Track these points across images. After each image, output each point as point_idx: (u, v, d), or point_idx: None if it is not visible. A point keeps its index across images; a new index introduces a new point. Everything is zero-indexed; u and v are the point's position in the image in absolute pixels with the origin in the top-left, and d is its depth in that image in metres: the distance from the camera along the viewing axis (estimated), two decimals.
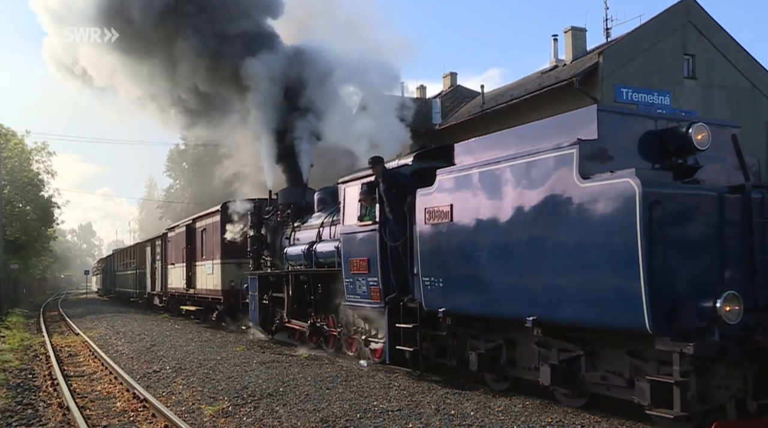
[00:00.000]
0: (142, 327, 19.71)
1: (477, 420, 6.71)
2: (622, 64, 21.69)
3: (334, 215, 12.10)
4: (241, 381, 9.46)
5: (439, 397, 7.91)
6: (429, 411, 7.18)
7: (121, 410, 8.65)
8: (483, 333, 8.22)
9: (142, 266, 32.53)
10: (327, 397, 8.14)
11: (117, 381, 10.70)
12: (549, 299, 6.67)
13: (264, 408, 7.77)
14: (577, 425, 6.41)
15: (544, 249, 6.72)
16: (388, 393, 8.27)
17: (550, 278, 6.66)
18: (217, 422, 7.42)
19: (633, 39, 22.26)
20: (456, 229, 8.00)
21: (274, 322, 14.44)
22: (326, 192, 13.49)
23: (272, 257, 14.80)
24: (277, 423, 7.10)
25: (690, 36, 22.74)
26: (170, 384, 9.95)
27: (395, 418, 6.97)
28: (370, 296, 9.89)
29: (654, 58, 22.07)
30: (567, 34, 25.24)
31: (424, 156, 9.76)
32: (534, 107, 21.38)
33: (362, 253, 10.01)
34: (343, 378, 9.39)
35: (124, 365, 12.17)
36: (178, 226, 24.57)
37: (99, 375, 11.69)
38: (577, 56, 24.36)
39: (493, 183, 7.45)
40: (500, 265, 7.33)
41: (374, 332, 10.49)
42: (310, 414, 7.32)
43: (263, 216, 15.14)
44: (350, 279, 10.35)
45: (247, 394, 8.60)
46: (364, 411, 7.29)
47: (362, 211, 10.05)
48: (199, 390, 9.23)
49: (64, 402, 8.95)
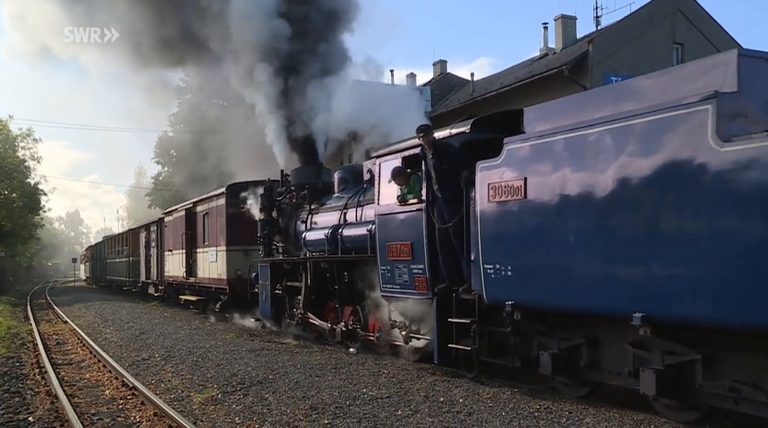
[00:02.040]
0: (130, 315, 19.23)
1: (466, 407, 6.57)
2: (611, 53, 21.58)
3: (359, 196, 10.91)
4: (231, 369, 9.24)
5: (428, 384, 7.70)
6: (418, 398, 7.04)
7: (109, 398, 8.50)
8: (557, 331, 6.85)
9: (135, 254, 30.65)
10: (316, 384, 7.94)
11: (106, 369, 10.46)
12: (665, 292, 5.27)
13: (253, 396, 7.63)
14: (565, 411, 6.25)
15: (661, 232, 5.30)
16: (377, 381, 8.05)
17: (668, 268, 5.24)
18: (206, 409, 7.26)
19: (623, 27, 22.18)
20: (531, 208, 6.58)
21: (293, 315, 12.74)
22: (347, 171, 12.42)
23: (285, 243, 13.37)
24: (267, 410, 6.93)
25: (679, 25, 22.69)
26: (159, 372, 9.74)
27: (384, 405, 6.82)
28: (413, 285, 8.49)
29: (643, 47, 21.96)
30: (557, 23, 25.09)
31: (482, 125, 8.09)
32: (524, 94, 21.18)
33: (404, 237, 8.60)
34: (332, 366, 9.13)
35: (113, 353, 11.86)
36: (176, 210, 22.52)
37: (87, 363, 11.40)
38: (567, 44, 24.26)
39: (585, 152, 6.01)
40: (594, 251, 5.89)
41: (415, 327, 8.98)
42: (299, 401, 7.17)
43: (275, 198, 13.74)
44: (387, 267, 8.94)
45: (236, 382, 8.40)
46: (354, 399, 7.14)
47: (403, 189, 8.66)
48: (188, 378, 9.03)
49: (52, 390, 8.74)
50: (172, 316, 19.01)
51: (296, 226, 13.06)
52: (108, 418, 7.38)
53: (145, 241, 28.35)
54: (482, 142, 7.72)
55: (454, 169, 7.82)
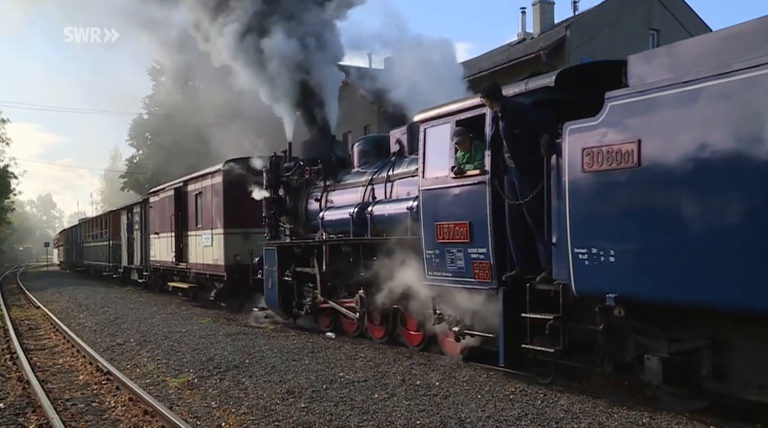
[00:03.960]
0: (105, 300, 19.00)
1: (442, 390, 6.59)
2: (589, 38, 21.75)
3: (388, 170, 9.81)
4: (207, 353, 9.19)
5: (404, 368, 7.72)
6: (395, 382, 7.05)
7: (84, 383, 8.36)
8: (667, 330, 5.68)
9: (116, 237, 28.93)
10: (293, 368, 7.91)
11: (80, 354, 10.33)
12: None
13: (230, 380, 7.60)
14: (539, 394, 6.31)
15: None
16: (354, 364, 8.06)
17: None
18: (182, 394, 7.22)
19: (600, 12, 22.41)
20: (649, 178, 5.31)
21: (302, 304, 11.59)
22: (369, 142, 11.25)
23: (293, 224, 12.18)
24: (243, 394, 6.91)
25: (655, 10, 22.97)
26: (135, 357, 9.64)
27: (361, 389, 6.82)
28: (471, 273, 7.23)
29: (620, 32, 22.12)
30: (535, 7, 25.22)
31: (566, 79, 6.67)
32: (502, 79, 21.38)
33: (459, 215, 7.34)
34: (309, 350, 9.14)
35: (87, 338, 11.70)
36: (163, 190, 20.77)
37: (61, 349, 11.24)
38: (545, 29, 24.41)
39: (737, 104, 4.77)
40: (753, 233, 4.69)
41: (469, 322, 7.62)
42: (276, 385, 7.15)
43: (282, 174, 12.39)
44: (435, 251, 7.69)
45: (212, 366, 8.37)
46: (330, 382, 7.14)
47: (461, 158, 7.38)
48: (164, 363, 8.95)
49: (24, 375, 8.63)
50: (148, 301, 18.83)
51: (306, 204, 11.88)
52: (82, 403, 7.29)
53: (127, 223, 26.76)
54: (556, 102, 6.62)
55: (529, 133, 6.56)
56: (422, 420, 5.70)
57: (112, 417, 6.73)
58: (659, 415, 5.55)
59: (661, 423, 5.34)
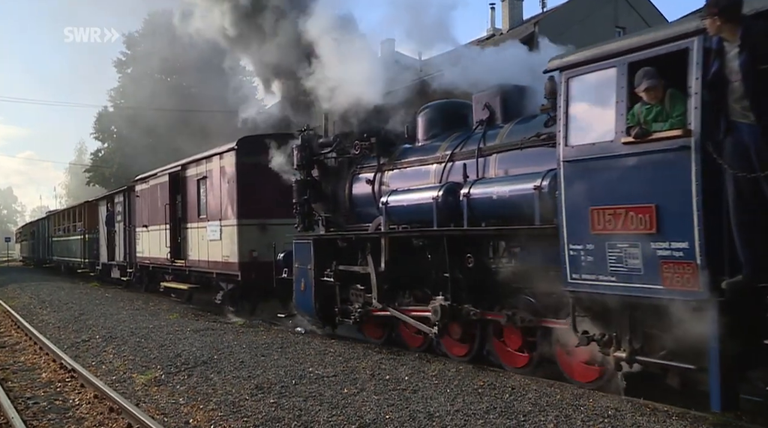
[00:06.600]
0: (69, 296, 18.54)
1: (411, 385, 6.61)
2: (557, 35, 22.00)
3: (478, 142, 7.85)
4: (175, 349, 9.08)
5: (374, 362, 7.69)
6: (364, 377, 7.04)
7: (46, 381, 8.20)
8: None
9: (93, 230, 26.17)
10: (262, 364, 7.85)
11: (42, 352, 10.09)
12: None
13: (198, 376, 7.52)
14: (508, 387, 6.35)
15: None
16: (323, 359, 8.01)
17: None
18: (149, 391, 7.13)
19: (568, 10, 22.79)
20: None
21: (347, 311, 9.51)
22: (437, 110, 9.22)
23: (331, 212, 10.30)
24: (212, 390, 6.84)
25: (621, 9, 23.47)
26: (100, 354, 9.47)
27: (330, 383, 6.81)
28: (657, 277, 5.28)
29: (587, 30, 22.39)
30: (504, 4, 25.54)
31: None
32: None
33: (638, 195, 5.41)
34: (278, 345, 9.03)
35: (51, 335, 11.42)
36: (153, 176, 18.13)
37: (22, 346, 10.99)
38: (514, 25, 24.71)
39: None
40: None
41: (638, 344, 5.66)
42: (244, 380, 7.09)
43: (318, 152, 10.44)
44: (588, 245, 5.80)
45: (180, 362, 8.27)
46: (300, 377, 7.11)
47: (636, 116, 5.43)
48: (130, 359, 8.82)
49: None
50: (113, 296, 18.51)
51: (352, 188, 9.91)
52: (45, 402, 7.15)
53: (107, 215, 23.80)
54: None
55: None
56: (391, 415, 5.71)
57: (77, 415, 6.61)
58: (624, 406, 5.63)
59: (626, 414, 5.42)
